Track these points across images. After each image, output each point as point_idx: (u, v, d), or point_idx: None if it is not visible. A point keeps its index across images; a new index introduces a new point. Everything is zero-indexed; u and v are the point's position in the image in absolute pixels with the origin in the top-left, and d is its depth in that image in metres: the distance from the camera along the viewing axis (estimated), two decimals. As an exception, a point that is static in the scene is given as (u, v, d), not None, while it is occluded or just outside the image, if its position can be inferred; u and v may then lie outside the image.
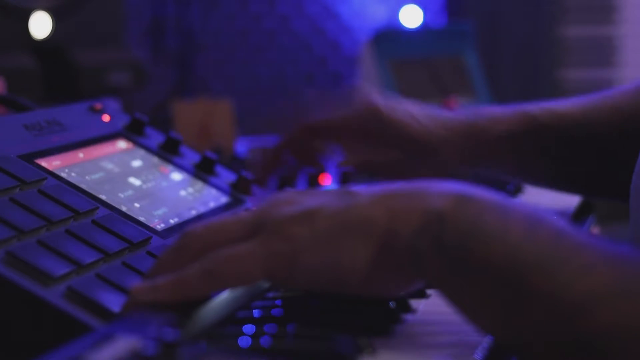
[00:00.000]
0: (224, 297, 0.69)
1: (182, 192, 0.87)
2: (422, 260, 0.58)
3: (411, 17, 2.39)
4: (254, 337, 0.62)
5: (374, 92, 0.93)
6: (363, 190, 0.61)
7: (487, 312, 0.57)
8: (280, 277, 0.60)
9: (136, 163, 0.88)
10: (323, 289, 0.64)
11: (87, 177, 0.81)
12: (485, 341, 0.64)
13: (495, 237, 0.56)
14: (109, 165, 0.85)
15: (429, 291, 0.74)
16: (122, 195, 0.81)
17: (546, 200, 1.04)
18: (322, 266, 0.59)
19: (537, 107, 0.94)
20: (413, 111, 0.93)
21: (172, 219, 0.81)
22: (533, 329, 0.54)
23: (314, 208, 0.60)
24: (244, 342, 0.62)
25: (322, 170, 0.97)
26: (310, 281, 0.60)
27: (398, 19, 2.42)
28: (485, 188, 0.60)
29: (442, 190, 0.59)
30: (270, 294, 0.73)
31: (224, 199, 0.90)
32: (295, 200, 0.61)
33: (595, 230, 1.07)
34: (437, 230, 0.57)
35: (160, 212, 0.81)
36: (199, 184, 0.90)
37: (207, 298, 0.65)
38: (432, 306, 0.71)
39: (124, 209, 0.79)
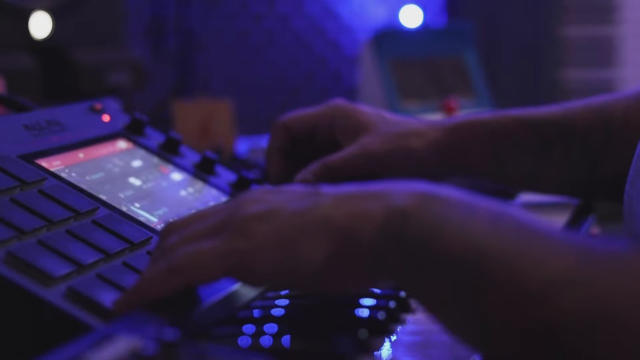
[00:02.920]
0: (224, 297, 0.69)
1: (182, 192, 0.88)
2: (384, 257, 0.58)
3: (411, 17, 2.39)
4: (254, 337, 0.62)
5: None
6: (329, 190, 0.62)
7: (450, 308, 0.57)
8: (240, 274, 0.62)
9: (136, 163, 0.88)
10: (282, 286, 0.66)
11: (87, 177, 0.81)
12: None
13: (456, 232, 0.56)
14: (109, 165, 0.85)
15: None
16: (122, 195, 0.81)
17: (544, 200, 1.04)
18: (279, 264, 0.60)
19: (511, 110, 0.96)
20: (383, 113, 0.96)
21: (172, 219, 0.81)
22: (495, 322, 0.55)
23: (276, 207, 0.61)
24: (244, 342, 0.62)
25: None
26: (269, 279, 0.61)
27: (398, 19, 2.42)
28: (454, 188, 0.60)
29: (405, 189, 0.60)
30: (271, 294, 0.74)
31: (224, 199, 0.90)
32: (261, 199, 0.63)
33: (595, 230, 1.07)
34: (399, 227, 0.58)
35: (160, 212, 0.81)
36: (199, 184, 0.90)
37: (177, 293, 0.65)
38: (432, 306, 0.71)
39: (124, 209, 0.79)
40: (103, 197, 0.78)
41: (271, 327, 0.64)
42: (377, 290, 0.72)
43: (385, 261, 0.58)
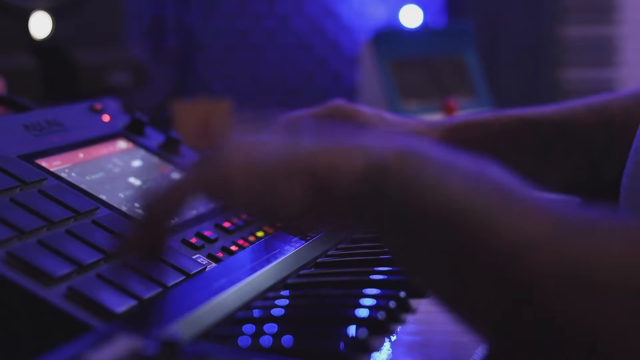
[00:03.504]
0: (223, 297, 0.69)
1: (182, 192, 0.88)
2: (361, 211, 0.58)
3: (411, 17, 2.39)
4: (254, 337, 0.62)
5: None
6: (310, 138, 0.62)
7: (425, 262, 0.57)
8: (213, 195, 0.62)
9: (136, 163, 0.88)
10: (256, 217, 0.66)
11: (87, 177, 0.81)
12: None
13: (434, 189, 0.57)
14: (109, 165, 0.85)
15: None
16: (122, 195, 0.81)
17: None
18: (254, 198, 0.60)
19: (511, 110, 0.96)
20: (383, 113, 0.96)
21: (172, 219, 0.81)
22: (467, 279, 0.55)
23: (255, 146, 0.61)
24: (244, 342, 0.62)
25: None
26: (243, 208, 0.62)
27: (398, 19, 2.42)
28: (437, 144, 0.61)
29: (387, 143, 0.60)
30: (271, 294, 0.74)
31: (224, 199, 0.90)
32: (241, 142, 0.63)
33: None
34: (378, 181, 0.58)
35: (160, 212, 0.81)
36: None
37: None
38: (432, 306, 0.71)
39: (124, 209, 0.79)
40: (103, 197, 0.78)
41: (271, 327, 0.64)
42: (377, 291, 0.72)
43: (362, 214, 0.59)
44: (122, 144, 0.90)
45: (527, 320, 0.54)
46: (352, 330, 0.63)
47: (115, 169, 0.85)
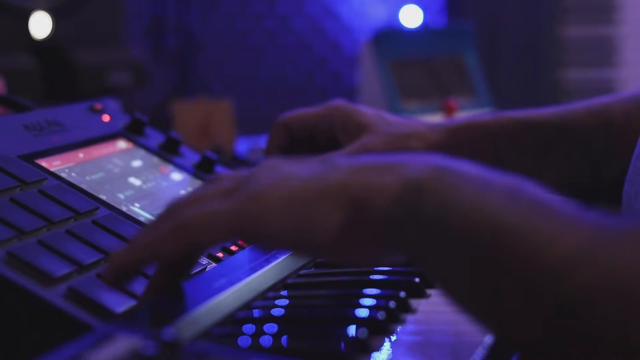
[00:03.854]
0: (223, 297, 0.69)
1: (182, 192, 0.88)
2: (398, 230, 0.58)
3: (411, 17, 2.39)
4: (254, 337, 0.62)
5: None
6: (343, 160, 0.62)
7: (464, 282, 0.57)
8: (248, 235, 0.61)
9: (136, 163, 0.88)
10: (292, 249, 0.64)
11: (87, 177, 0.81)
12: (485, 341, 0.64)
13: (472, 207, 0.56)
14: (109, 165, 0.85)
15: (429, 291, 0.74)
16: (122, 195, 0.81)
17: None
18: (291, 227, 0.59)
19: (511, 111, 0.96)
20: (383, 113, 0.96)
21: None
22: (508, 297, 0.55)
23: (291, 174, 0.61)
24: (244, 342, 0.62)
25: None
26: (279, 241, 0.61)
27: (398, 19, 2.43)
28: (470, 162, 0.60)
29: (421, 161, 0.59)
30: (271, 294, 0.74)
31: (224, 199, 0.90)
32: (276, 167, 0.62)
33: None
34: (414, 200, 0.57)
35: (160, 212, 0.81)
36: (199, 184, 0.90)
37: (181, 260, 0.64)
38: (432, 306, 0.71)
39: (124, 209, 0.79)
40: (103, 197, 0.78)
41: (271, 327, 0.64)
42: (377, 291, 0.72)
43: (399, 234, 0.58)
44: (122, 144, 0.90)
45: (564, 334, 0.54)
46: (352, 330, 0.63)
47: (115, 169, 0.85)
